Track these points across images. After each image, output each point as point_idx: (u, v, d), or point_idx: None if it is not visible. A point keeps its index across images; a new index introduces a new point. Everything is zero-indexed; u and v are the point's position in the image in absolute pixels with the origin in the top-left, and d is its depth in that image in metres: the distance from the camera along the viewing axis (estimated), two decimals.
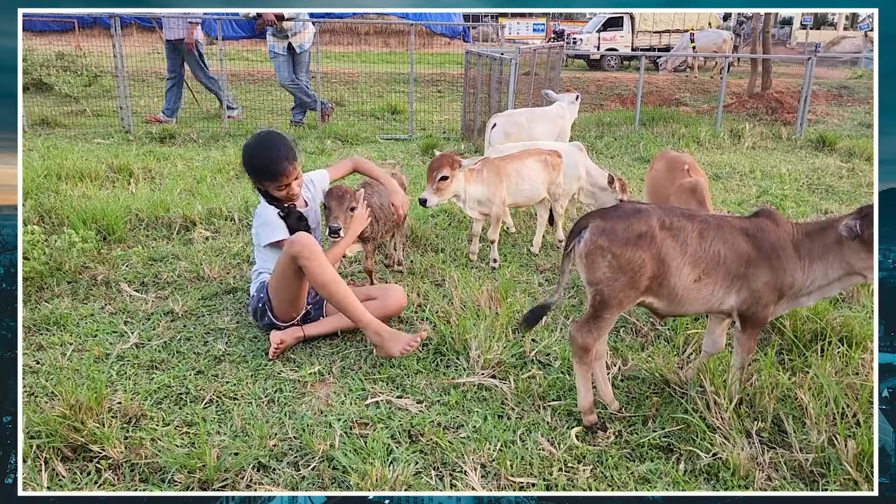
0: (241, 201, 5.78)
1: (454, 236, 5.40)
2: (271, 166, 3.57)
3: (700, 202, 3.81)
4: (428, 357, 3.53)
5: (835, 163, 8.50)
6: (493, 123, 6.52)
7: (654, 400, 3.10)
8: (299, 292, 3.61)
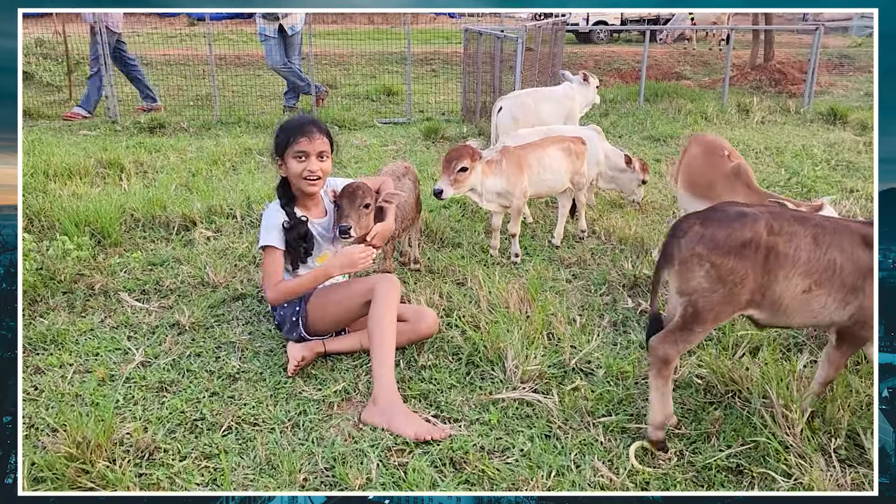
0: (242, 196, 5.46)
1: (470, 229, 5.12)
2: (301, 122, 3.24)
3: (747, 186, 3.54)
4: (461, 369, 3.26)
5: (850, 137, 8.25)
6: (498, 107, 6.21)
7: (714, 414, 2.85)
8: (349, 319, 3.34)
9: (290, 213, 3.30)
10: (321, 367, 3.32)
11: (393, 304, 3.13)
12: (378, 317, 3.08)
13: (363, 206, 3.37)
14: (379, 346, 3.01)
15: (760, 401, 2.82)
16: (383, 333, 3.04)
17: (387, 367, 2.96)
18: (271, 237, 3.26)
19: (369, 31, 19.94)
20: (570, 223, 5.19)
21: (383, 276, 3.26)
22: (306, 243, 3.33)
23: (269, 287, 3.25)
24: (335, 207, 3.44)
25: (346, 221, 3.31)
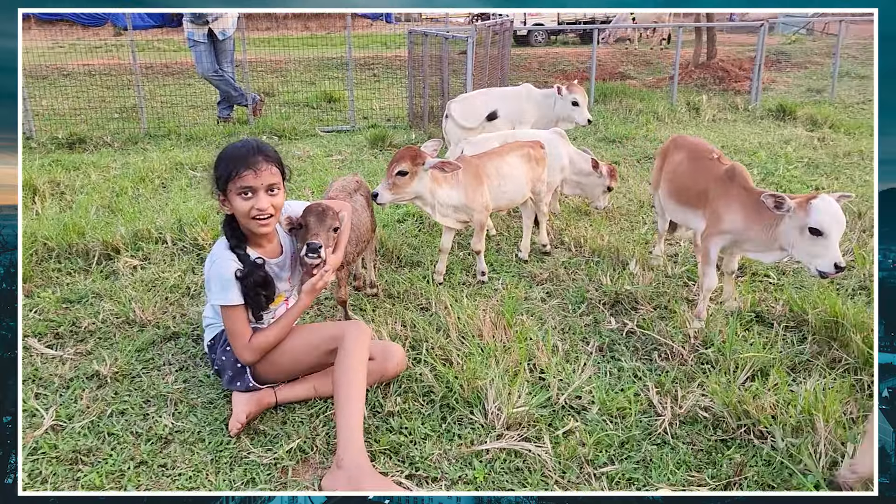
0: (173, 218, 4.88)
1: (429, 245, 4.68)
2: (245, 151, 2.68)
3: (744, 188, 3.21)
4: (434, 414, 2.82)
5: (804, 133, 8.16)
6: (447, 111, 5.80)
7: (734, 458, 2.48)
8: (308, 368, 2.87)
9: (242, 257, 2.77)
10: (270, 419, 2.83)
11: (364, 354, 2.69)
12: (347, 369, 2.62)
13: (332, 229, 2.90)
14: (346, 401, 2.54)
15: (787, 439, 2.47)
16: (351, 387, 2.57)
17: (355, 426, 2.50)
18: (230, 294, 2.73)
19: (304, 37, 19.32)
20: (537, 234, 4.80)
21: (352, 324, 2.81)
22: (266, 290, 2.82)
23: (241, 348, 2.77)
24: (299, 228, 2.94)
25: (317, 238, 2.81)
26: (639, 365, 3.15)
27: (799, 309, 3.47)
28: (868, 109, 9.99)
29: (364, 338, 2.72)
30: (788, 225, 2.96)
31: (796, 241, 2.96)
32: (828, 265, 2.90)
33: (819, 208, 2.84)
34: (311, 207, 2.91)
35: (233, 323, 2.76)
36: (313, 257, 2.78)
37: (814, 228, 2.87)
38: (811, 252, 2.92)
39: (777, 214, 2.97)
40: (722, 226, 3.24)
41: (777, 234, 3.04)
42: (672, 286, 3.95)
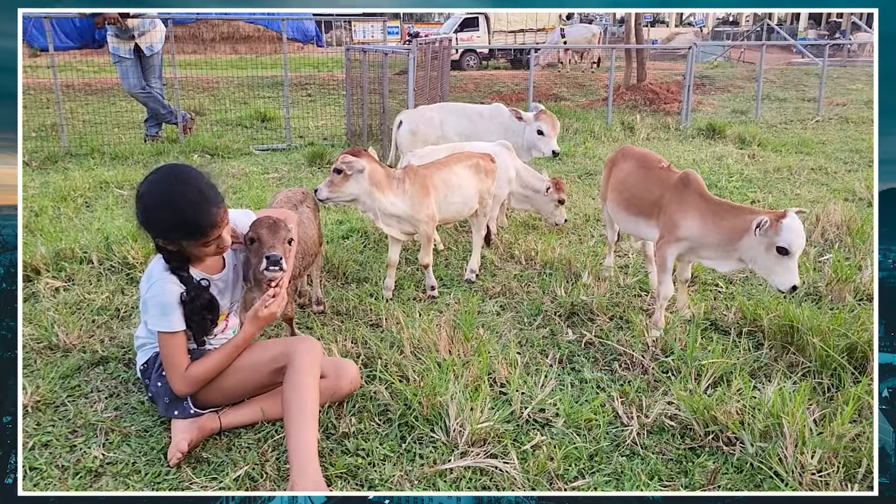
0: (99, 237, 4.56)
1: (376, 261, 4.52)
2: (200, 218, 2.43)
3: (700, 195, 3.19)
4: (392, 432, 2.66)
5: (734, 150, 8.41)
6: (398, 121, 5.68)
7: (707, 465, 2.41)
8: (254, 390, 2.65)
9: (186, 280, 2.56)
10: (214, 446, 2.60)
11: (315, 372, 2.52)
12: (297, 388, 2.43)
13: (287, 240, 2.72)
14: (298, 422, 2.36)
15: (757, 444, 2.41)
16: (304, 408, 2.39)
17: (309, 448, 2.31)
18: (170, 319, 2.51)
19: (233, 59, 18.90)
20: (487, 250, 4.71)
21: (301, 339, 2.66)
22: (212, 314, 2.62)
23: (177, 378, 2.54)
24: (248, 243, 2.74)
25: (275, 251, 2.63)
26: (601, 375, 3.07)
27: (752, 315, 3.47)
28: (790, 130, 10.43)
29: (314, 354, 2.55)
30: (754, 240, 2.95)
31: (759, 256, 2.95)
32: (786, 284, 2.91)
33: (790, 228, 2.84)
34: (262, 220, 2.73)
35: (170, 350, 2.54)
36: (274, 270, 2.61)
37: (782, 248, 2.87)
38: (772, 269, 2.93)
39: (744, 228, 2.94)
40: (678, 233, 3.22)
41: (739, 246, 3.03)
42: (626, 296, 3.92)
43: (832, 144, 9.08)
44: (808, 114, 11.87)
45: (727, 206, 3.15)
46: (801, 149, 8.61)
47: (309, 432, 2.34)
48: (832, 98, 13.31)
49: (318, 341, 2.63)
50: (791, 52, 24.81)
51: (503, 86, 15.01)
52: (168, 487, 2.36)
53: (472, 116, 5.89)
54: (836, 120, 11.24)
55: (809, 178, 6.98)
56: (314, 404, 2.43)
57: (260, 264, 2.63)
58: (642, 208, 3.48)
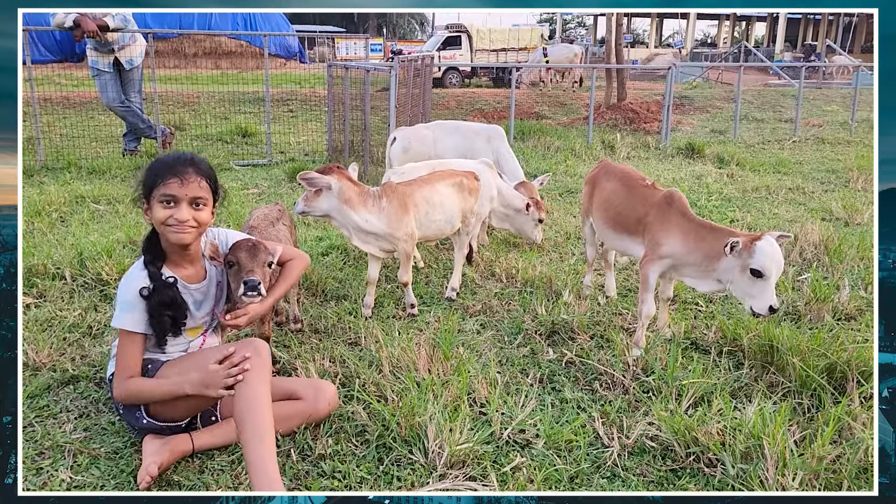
0: (72, 252, 4.47)
1: (355, 278, 4.48)
2: (176, 160, 2.52)
3: (682, 214, 3.20)
4: (369, 454, 2.60)
5: (713, 169, 8.49)
6: (392, 138, 5.65)
7: (689, 488, 2.39)
8: (205, 402, 2.56)
9: (152, 274, 2.53)
10: (185, 469, 2.53)
11: (265, 379, 2.41)
12: (247, 400, 2.33)
13: (267, 263, 2.68)
14: (253, 439, 2.27)
15: (738, 466, 2.39)
16: (257, 419, 2.30)
17: (269, 464, 2.23)
18: (127, 317, 2.49)
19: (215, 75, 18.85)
20: (468, 267, 4.69)
21: (245, 344, 2.50)
22: (173, 311, 2.55)
23: (117, 381, 2.50)
24: (226, 267, 2.69)
25: (254, 276, 2.58)
26: (581, 395, 3.04)
27: (732, 335, 3.47)
28: (767, 150, 10.56)
29: (260, 360, 2.42)
30: (731, 262, 2.95)
31: (735, 278, 2.95)
32: (762, 307, 2.91)
33: (763, 251, 2.84)
34: (240, 244, 2.68)
35: (121, 350, 2.51)
36: (252, 295, 2.57)
37: (755, 270, 2.87)
38: (748, 292, 2.93)
39: (724, 252, 2.94)
40: (661, 251, 3.22)
41: (717, 267, 3.03)
42: (606, 315, 3.90)
43: (809, 165, 9.20)
44: (785, 134, 12.05)
45: (708, 226, 3.16)
46: (778, 169, 8.72)
47: (267, 448, 2.25)
48: (808, 119, 13.53)
49: (263, 342, 2.52)
50: (768, 74, 25.27)
51: (485, 104, 15.09)
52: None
53: (468, 134, 5.88)
54: (813, 140, 11.41)
55: (787, 198, 7.06)
56: (268, 416, 2.33)
57: (238, 289, 2.58)
58: (627, 226, 3.48)
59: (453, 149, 5.71)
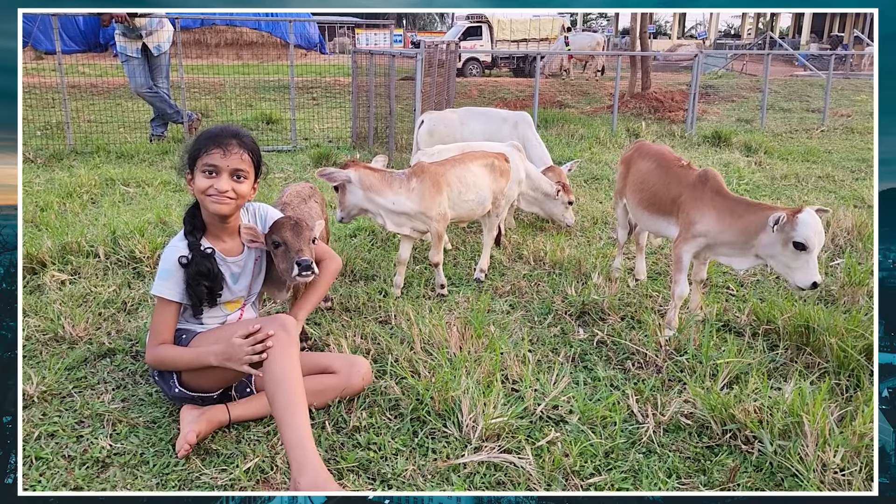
0: (106, 231, 4.53)
1: (384, 259, 4.49)
2: (221, 131, 2.56)
3: (717, 192, 3.16)
4: (404, 427, 2.62)
5: (741, 157, 8.40)
6: (420, 121, 5.65)
7: (726, 462, 2.37)
8: (236, 376, 2.59)
9: (191, 244, 2.56)
10: (223, 438, 2.56)
11: (293, 354, 2.40)
12: (277, 377, 2.33)
13: (311, 240, 2.71)
14: (287, 414, 2.27)
15: (777, 442, 2.37)
16: (290, 396, 2.30)
17: (305, 440, 2.22)
18: (164, 285, 2.53)
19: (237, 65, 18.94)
20: (496, 250, 4.68)
21: (271, 320, 2.49)
22: (209, 281, 2.57)
23: (149, 346, 2.55)
24: (272, 247, 2.71)
25: (304, 255, 2.61)
26: (614, 374, 3.03)
27: (766, 316, 3.43)
28: (795, 139, 10.42)
29: (287, 335, 2.41)
30: (772, 237, 2.91)
31: (777, 253, 2.92)
32: (806, 281, 2.87)
33: (806, 223, 2.81)
34: (283, 223, 2.70)
35: (156, 317, 2.56)
36: (307, 275, 2.60)
37: (798, 243, 2.84)
38: (791, 265, 2.89)
39: (762, 224, 2.91)
40: (695, 229, 3.19)
41: (757, 242, 2.99)
42: (636, 296, 3.88)
43: (838, 154, 9.07)
44: (813, 124, 11.88)
45: (744, 202, 3.12)
46: (807, 157, 8.60)
47: (301, 422, 2.25)
48: (836, 109, 13.33)
49: (290, 318, 2.50)
50: (794, 66, 24.91)
51: (507, 92, 15.03)
52: (177, 479, 2.32)
53: (495, 120, 5.87)
54: (842, 130, 11.24)
55: (817, 186, 6.96)
56: (300, 390, 2.32)
57: (290, 270, 2.61)
58: (662, 206, 3.45)
59: (480, 134, 5.69)
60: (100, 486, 2.27)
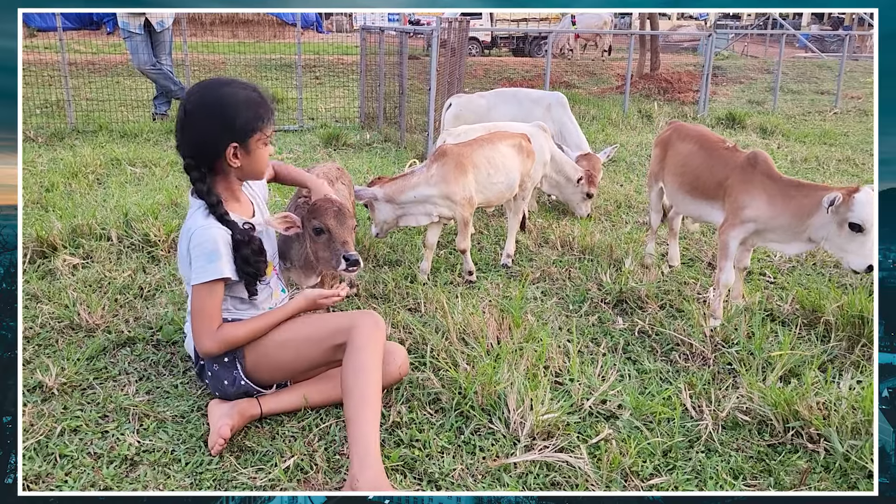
0: (118, 213, 4.36)
1: (407, 244, 4.34)
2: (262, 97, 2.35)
3: (768, 175, 3.02)
4: (447, 423, 2.48)
5: (758, 140, 8.25)
6: (448, 104, 5.49)
7: (798, 464, 2.25)
8: (308, 367, 2.45)
9: (229, 222, 2.33)
10: (256, 433, 2.42)
11: (378, 351, 2.29)
12: (360, 369, 2.21)
13: (353, 227, 2.59)
14: (360, 407, 2.15)
15: (847, 441, 2.24)
16: (367, 390, 2.18)
17: (371, 439, 2.10)
18: (219, 266, 2.28)
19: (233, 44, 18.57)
20: (521, 234, 4.53)
21: (365, 314, 2.38)
22: (263, 255, 2.40)
23: (206, 334, 2.30)
24: (314, 233, 2.57)
25: (351, 248, 2.53)
26: (661, 366, 2.90)
27: (812, 305, 3.30)
28: (809, 121, 10.26)
29: (378, 332, 2.32)
30: (826, 217, 2.77)
31: (832, 234, 2.78)
32: (861, 264, 2.74)
33: (863, 203, 2.67)
34: (327, 208, 2.56)
35: (205, 302, 2.30)
36: (354, 270, 2.52)
37: (855, 224, 2.70)
38: (846, 248, 2.76)
39: (814, 205, 2.78)
40: (744, 214, 3.04)
41: (809, 225, 2.85)
42: (674, 284, 3.74)
43: (855, 136, 8.92)
44: (825, 106, 11.72)
45: (795, 183, 2.98)
46: (824, 140, 8.45)
47: (371, 419, 2.14)
48: (846, 91, 13.16)
49: (382, 318, 2.41)
50: (795, 47, 24.65)
51: (513, 72, 14.79)
52: (212, 478, 2.18)
53: (525, 102, 5.67)
54: (855, 112, 11.08)
55: (838, 169, 6.82)
56: (376, 388, 2.21)
57: (336, 262, 2.50)
58: (706, 190, 3.30)
59: (509, 118, 5.46)
60: (130, 487, 2.14)
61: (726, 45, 23.10)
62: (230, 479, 2.18)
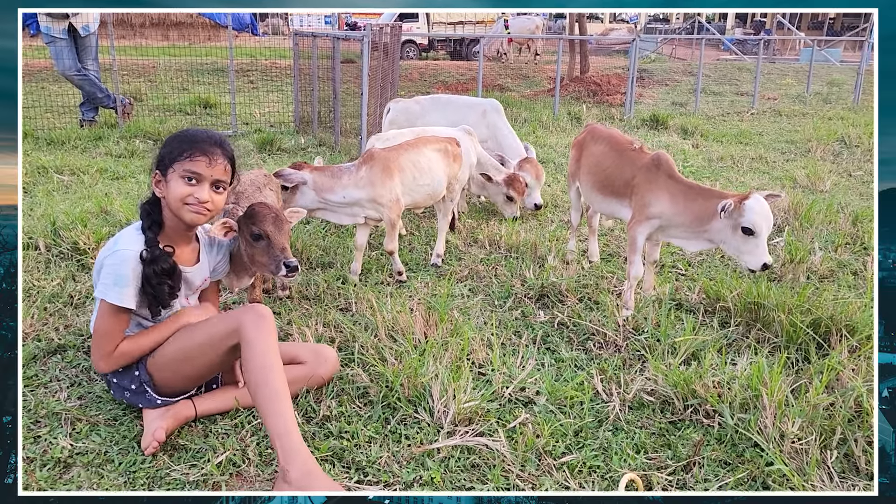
0: (44, 222, 4.33)
1: (339, 246, 4.45)
2: (207, 138, 2.44)
3: (670, 175, 3.26)
4: (375, 414, 2.62)
5: (679, 140, 8.64)
6: (387, 108, 5.60)
7: (692, 436, 2.47)
8: (212, 371, 2.53)
9: (151, 241, 2.40)
10: (189, 432, 2.51)
11: (272, 343, 2.35)
12: (258, 367, 2.29)
13: (289, 233, 2.70)
14: (270, 403, 2.23)
15: (737, 415, 2.48)
16: (270, 386, 2.25)
17: (290, 429, 2.19)
18: (123, 292, 2.33)
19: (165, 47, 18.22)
20: (451, 234, 4.70)
21: (248, 309, 2.44)
22: (172, 280, 2.45)
23: (102, 355, 2.39)
24: (252, 239, 2.66)
25: (289, 254, 2.65)
26: (577, 355, 3.10)
27: (715, 294, 3.57)
28: (728, 122, 10.78)
29: (264, 322, 2.37)
30: (722, 222, 3.02)
31: (728, 238, 3.03)
32: (756, 263, 2.99)
33: (752, 209, 2.92)
34: (263, 214, 2.66)
35: (107, 326, 2.37)
36: (293, 276, 2.65)
37: (746, 228, 2.95)
38: (742, 249, 3.01)
39: (713, 210, 3.02)
40: (648, 211, 3.28)
41: (709, 228, 3.10)
42: (592, 278, 3.97)
43: (768, 136, 9.44)
44: (743, 107, 12.31)
45: (697, 188, 3.23)
46: (740, 139, 8.92)
47: (284, 411, 2.22)
48: (763, 92, 13.84)
49: (265, 308, 2.46)
50: (720, 50, 25.68)
51: (448, 75, 15.01)
52: (145, 476, 2.26)
53: (461, 108, 5.79)
54: (770, 113, 11.69)
55: (751, 167, 7.24)
56: (281, 377, 2.28)
57: (276, 268, 2.62)
58: (615, 189, 3.53)
59: (445, 123, 5.55)
60: (64, 487, 2.20)
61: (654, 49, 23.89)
62: (163, 477, 2.27)
